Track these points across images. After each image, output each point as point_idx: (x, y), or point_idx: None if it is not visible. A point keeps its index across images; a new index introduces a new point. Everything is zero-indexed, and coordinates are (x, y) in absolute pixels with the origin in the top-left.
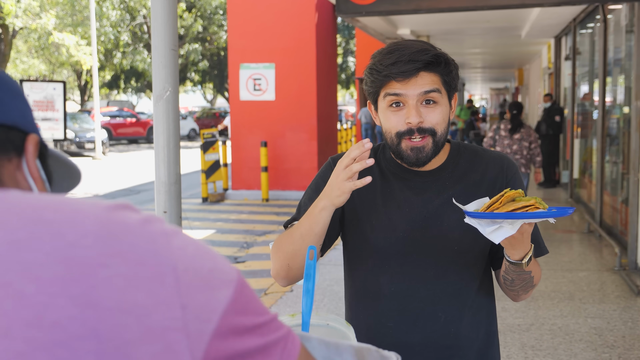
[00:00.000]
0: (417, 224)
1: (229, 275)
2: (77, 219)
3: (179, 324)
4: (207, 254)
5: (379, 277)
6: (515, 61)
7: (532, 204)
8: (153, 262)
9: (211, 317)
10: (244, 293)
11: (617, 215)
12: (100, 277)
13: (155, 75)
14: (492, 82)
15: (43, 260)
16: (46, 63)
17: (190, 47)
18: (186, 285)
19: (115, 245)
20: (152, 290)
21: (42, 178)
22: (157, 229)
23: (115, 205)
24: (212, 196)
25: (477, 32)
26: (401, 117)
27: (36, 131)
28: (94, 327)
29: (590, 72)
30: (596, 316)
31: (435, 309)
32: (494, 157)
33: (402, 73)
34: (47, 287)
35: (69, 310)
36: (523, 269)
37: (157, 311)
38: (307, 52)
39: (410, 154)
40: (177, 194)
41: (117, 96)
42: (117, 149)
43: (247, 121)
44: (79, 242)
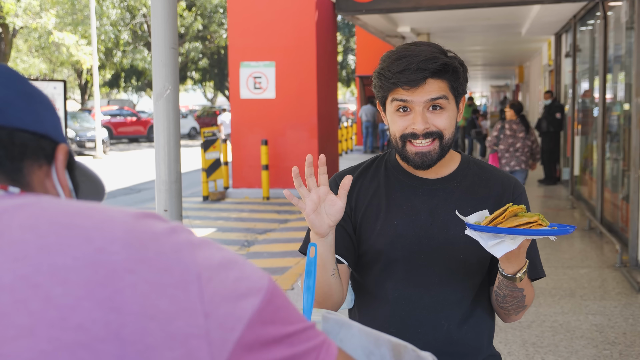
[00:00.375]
0: (424, 231)
1: (257, 284)
2: (106, 225)
3: (201, 332)
4: (234, 263)
5: (384, 283)
6: (515, 58)
7: (535, 220)
8: (178, 270)
9: (235, 326)
10: (273, 302)
11: (617, 212)
12: (125, 282)
13: (155, 74)
14: (493, 79)
15: (71, 264)
16: (46, 62)
17: (191, 46)
18: (210, 294)
19: (141, 252)
20: (175, 297)
21: (70, 187)
22: (183, 239)
23: (143, 214)
24: (212, 194)
25: (478, 30)
26: (407, 121)
27: (66, 142)
28: (117, 330)
29: (591, 69)
30: (597, 313)
31: (438, 316)
32: (502, 176)
33: (410, 82)
34: (74, 290)
35: (94, 313)
36: (516, 285)
37: (180, 318)
38: (308, 50)
39: (416, 158)
40: (178, 192)
41: (118, 95)
42: (117, 147)
43: (247, 119)
44: (107, 248)
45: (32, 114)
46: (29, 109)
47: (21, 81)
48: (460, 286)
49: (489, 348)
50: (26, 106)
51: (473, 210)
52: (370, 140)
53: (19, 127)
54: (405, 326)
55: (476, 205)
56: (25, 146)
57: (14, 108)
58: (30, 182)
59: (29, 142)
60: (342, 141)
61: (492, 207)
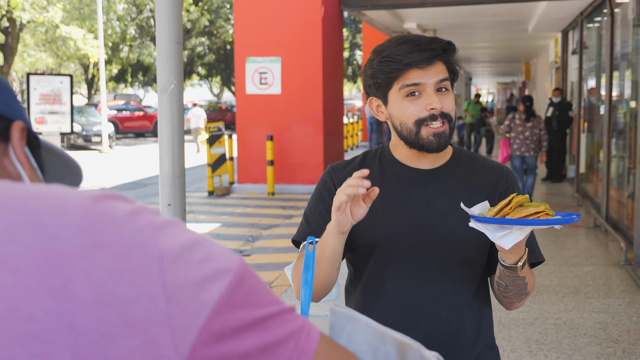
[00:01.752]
0: (421, 222)
1: (225, 266)
2: (60, 209)
3: (162, 318)
4: (199, 245)
5: (382, 274)
6: (522, 55)
7: (542, 210)
8: (137, 254)
9: (201, 310)
10: (243, 284)
11: (623, 210)
12: (79, 269)
13: (159, 68)
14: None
15: (22, 251)
16: (53, 56)
17: (197, 41)
18: (172, 277)
19: (97, 236)
20: (134, 282)
21: (33, 165)
22: (144, 221)
23: (104, 196)
24: (217, 190)
25: (484, 26)
26: (419, 105)
27: (23, 119)
28: (70, 320)
29: (598, 67)
30: (601, 311)
31: (437, 306)
32: (494, 165)
33: (425, 60)
34: (24, 279)
35: (45, 304)
36: (517, 274)
37: (139, 304)
38: (313, 46)
39: (433, 140)
40: (182, 186)
41: (124, 90)
42: (123, 142)
43: (253, 115)
44: (60, 234)
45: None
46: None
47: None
48: (459, 276)
49: (487, 338)
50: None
51: (469, 199)
52: (376, 136)
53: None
54: (405, 317)
55: (471, 194)
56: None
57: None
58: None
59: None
60: (348, 137)
61: (487, 196)
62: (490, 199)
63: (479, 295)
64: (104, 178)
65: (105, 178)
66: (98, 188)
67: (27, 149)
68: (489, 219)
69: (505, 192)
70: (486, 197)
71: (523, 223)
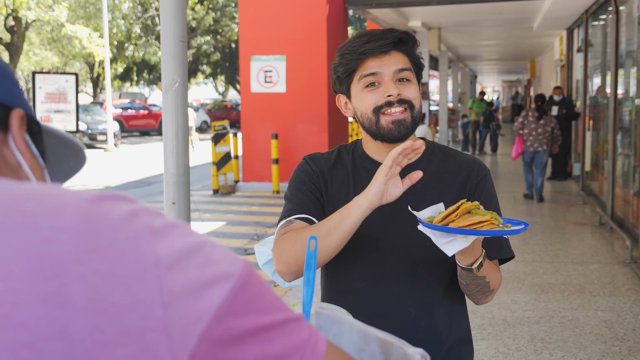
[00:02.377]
0: (389, 219)
1: (227, 271)
2: (56, 211)
3: (159, 325)
4: (200, 249)
5: (351, 271)
6: (527, 53)
7: (487, 219)
8: (133, 259)
9: (201, 317)
10: (246, 290)
11: (628, 208)
12: (72, 274)
13: (164, 67)
14: (504, 74)
15: (14, 255)
16: (59, 55)
17: (202, 40)
18: (170, 283)
19: (93, 240)
20: (129, 288)
21: (34, 153)
22: (142, 223)
23: (103, 197)
24: (222, 188)
25: (489, 24)
26: (378, 94)
27: (23, 107)
28: (63, 328)
29: (603, 64)
30: (606, 309)
31: (406, 303)
32: (467, 159)
33: (379, 48)
34: (16, 284)
35: (37, 310)
36: (475, 274)
37: (134, 310)
38: (318, 44)
39: (393, 127)
40: (186, 185)
41: (130, 88)
42: (129, 140)
43: (258, 113)
44: (55, 237)
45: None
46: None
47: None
48: (428, 273)
49: (458, 333)
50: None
51: (439, 196)
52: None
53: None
54: (373, 314)
55: (442, 190)
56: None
57: None
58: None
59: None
60: (353, 135)
61: (458, 192)
62: (460, 195)
63: (450, 293)
64: (109, 176)
65: (111, 176)
66: (103, 186)
67: (28, 136)
68: (433, 225)
69: (475, 186)
70: (457, 193)
71: (465, 233)
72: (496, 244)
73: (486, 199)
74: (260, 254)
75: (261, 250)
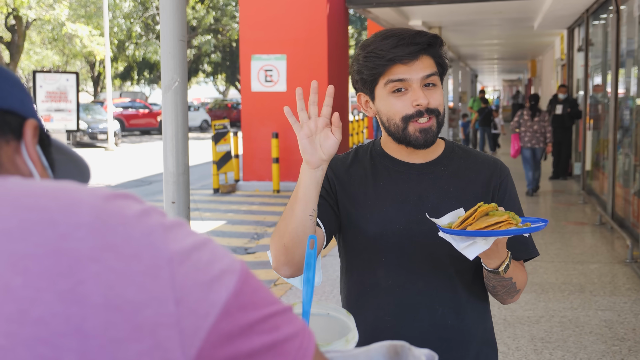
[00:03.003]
0: (414, 216)
1: (231, 267)
2: (72, 208)
3: (171, 320)
4: (206, 247)
5: (377, 271)
6: (528, 52)
7: (505, 219)
8: (147, 256)
9: (209, 311)
10: (248, 284)
11: (629, 208)
12: (89, 271)
13: (163, 66)
14: (505, 73)
15: (32, 251)
16: (59, 54)
17: (203, 39)
18: (182, 278)
19: (108, 238)
20: (144, 285)
21: (44, 164)
22: (154, 221)
23: (114, 195)
24: (223, 187)
25: (490, 24)
26: (406, 101)
27: (36, 118)
28: (79, 324)
29: (603, 64)
30: (607, 308)
31: (433, 301)
32: (488, 159)
33: (408, 55)
34: (34, 280)
35: (54, 306)
36: (502, 277)
37: (149, 307)
38: (319, 43)
39: (420, 136)
40: (186, 184)
41: (130, 87)
42: (129, 140)
43: (258, 112)
44: (72, 234)
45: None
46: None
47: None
48: (454, 270)
49: (485, 335)
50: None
51: (461, 194)
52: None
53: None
54: (401, 313)
55: (464, 188)
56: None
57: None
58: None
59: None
60: (353, 134)
61: (480, 189)
62: (483, 193)
63: (475, 290)
64: (110, 175)
65: (111, 175)
66: (104, 185)
67: (39, 148)
68: (452, 230)
69: (499, 187)
70: (479, 191)
71: (484, 234)
72: (521, 244)
73: (510, 199)
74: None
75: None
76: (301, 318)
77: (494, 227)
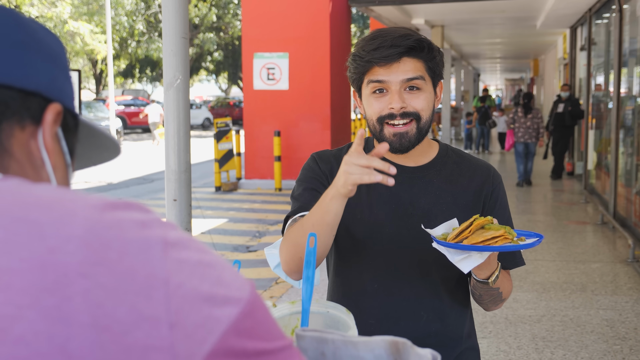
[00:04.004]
0: (403, 221)
1: (237, 294)
2: (64, 220)
3: (164, 344)
4: (212, 268)
5: (362, 274)
6: (530, 52)
7: (501, 234)
8: (142, 274)
9: (207, 337)
10: (253, 314)
11: (631, 207)
12: (77, 288)
13: (165, 63)
14: (508, 72)
15: (17, 266)
16: None
17: (205, 37)
18: (178, 301)
19: (101, 253)
20: (135, 305)
21: (63, 150)
22: (154, 235)
23: (114, 205)
24: (225, 185)
25: (492, 22)
26: (384, 102)
27: (64, 100)
28: (63, 344)
29: (606, 63)
30: (608, 308)
31: (418, 307)
32: (481, 164)
33: (385, 58)
34: (17, 297)
35: (37, 325)
36: (490, 287)
37: (139, 328)
38: (321, 41)
39: (394, 140)
40: (187, 182)
41: (132, 85)
42: (131, 137)
43: (260, 110)
44: (61, 248)
45: (22, 67)
46: (18, 61)
47: (18, 28)
48: (440, 278)
49: (468, 340)
50: (16, 58)
51: (453, 200)
52: None
53: (2, 83)
54: (385, 318)
55: (456, 195)
56: (6, 105)
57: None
58: (8, 146)
59: (10, 101)
60: (355, 132)
61: (472, 197)
62: (475, 200)
63: (458, 297)
64: (112, 173)
65: (113, 173)
66: (105, 183)
67: (60, 131)
68: (447, 243)
69: (491, 194)
70: (471, 198)
71: (479, 249)
72: (509, 254)
73: (500, 207)
74: (270, 256)
75: (271, 253)
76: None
77: (490, 242)
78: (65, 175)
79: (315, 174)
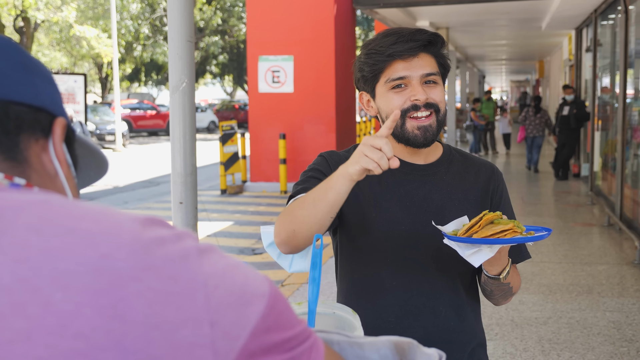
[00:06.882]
0: (419, 218)
1: (261, 290)
2: (113, 231)
3: (206, 341)
4: (238, 270)
5: (380, 272)
6: (535, 53)
7: (510, 228)
8: (184, 278)
9: (240, 334)
10: (276, 307)
11: (637, 209)
12: (130, 290)
13: (171, 67)
14: (513, 74)
15: (74, 269)
16: (67, 56)
17: (210, 40)
18: (216, 302)
19: (148, 259)
20: (181, 306)
21: (68, 162)
22: (189, 246)
23: (150, 220)
24: (230, 188)
25: (497, 24)
26: (404, 96)
27: (64, 116)
28: (119, 339)
29: (612, 64)
30: (615, 310)
31: (436, 303)
32: (484, 163)
33: (407, 51)
34: (74, 296)
35: (95, 321)
36: (501, 282)
37: (185, 327)
38: (326, 44)
39: (418, 133)
40: (193, 185)
41: (138, 89)
42: (137, 141)
43: (265, 113)
44: (113, 254)
45: (29, 86)
46: (25, 81)
47: (19, 52)
48: (456, 272)
49: (480, 335)
50: (23, 78)
51: (464, 196)
52: None
53: (15, 100)
54: (405, 314)
55: (466, 191)
56: (21, 120)
57: (9, 80)
58: (28, 157)
59: (24, 116)
60: (361, 135)
61: (480, 193)
62: (483, 196)
63: (471, 293)
64: (118, 177)
65: (119, 177)
66: (112, 187)
67: (64, 145)
68: (458, 238)
69: (496, 190)
70: (479, 194)
71: (490, 242)
72: (515, 248)
73: (505, 202)
74: (265, 234)
75: (267, 231)
76: (311, 332)
77: (500, 235)
78: (74, 186)
79: (322, 167)
